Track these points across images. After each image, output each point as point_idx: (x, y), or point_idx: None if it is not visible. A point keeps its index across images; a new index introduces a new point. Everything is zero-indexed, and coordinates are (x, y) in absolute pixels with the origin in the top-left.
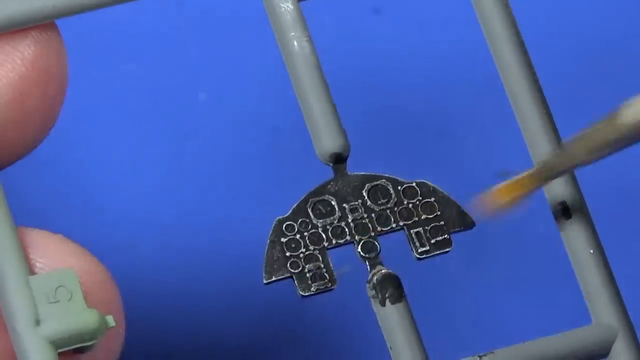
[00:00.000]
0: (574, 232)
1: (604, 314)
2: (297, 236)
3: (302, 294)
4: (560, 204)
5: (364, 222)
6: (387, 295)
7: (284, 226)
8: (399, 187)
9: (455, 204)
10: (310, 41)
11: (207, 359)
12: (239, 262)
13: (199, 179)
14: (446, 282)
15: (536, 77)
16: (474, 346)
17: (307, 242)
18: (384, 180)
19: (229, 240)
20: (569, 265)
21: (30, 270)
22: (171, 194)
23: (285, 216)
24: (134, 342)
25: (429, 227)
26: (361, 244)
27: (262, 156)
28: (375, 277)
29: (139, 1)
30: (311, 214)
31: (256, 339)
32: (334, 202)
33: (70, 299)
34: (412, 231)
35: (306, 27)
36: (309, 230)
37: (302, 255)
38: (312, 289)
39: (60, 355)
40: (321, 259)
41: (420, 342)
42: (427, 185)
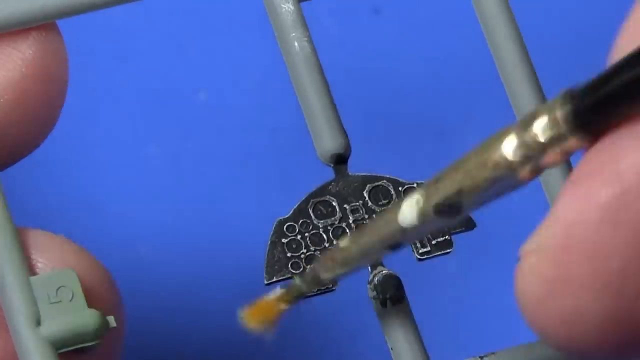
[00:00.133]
0: None
1: None
2: (298, 237)
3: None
4: None
5: (364, 222)
6: (388, 296)
7: (285, 227)
8: (400, 188)
9: None
10: (310, 41)
11: (208, 359)
12: (240, 263)
13: (199, 179)
14: (447, 283)
15: (536, 77)
16: (475, 347)
17: (308, 242)
18: (384, 180)
19: (230, 240)
20: None
21: (31, 270)
22: (171, 194)
23: (286, 217)
24: (134, 342)
25: None
26: None
27: (262, 156)
28: (376, 278)
29: (139, 1)
30: (312, 215)
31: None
32: (335, 203)
33: (71, 300)
34: None
35: (307, 27)
36: (310, 231)
37: (303, 256)
38: (313, 290)
39: (61, 355)
40: None
41: (421, 343)
42: None
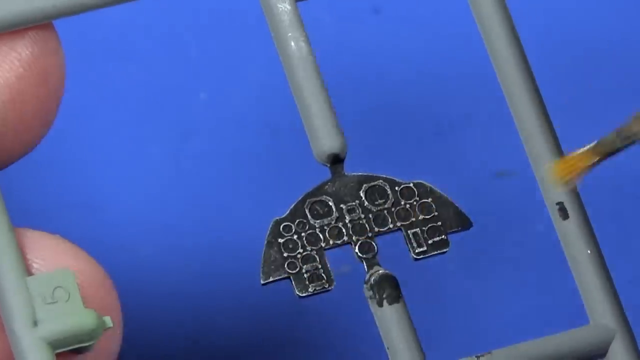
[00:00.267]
0: (571, 233)
1: (602, 315)
2: (295, 237)
3: (300, 295)
4: (557, 204)
5: (361, 222)
6: (384, 295)
7: (282, 227)
8: (397, 188)
9: (452, 205)
10: (307, 42)
11: (206, 359)
12: (237, 263)
13: (198, 179)
14: (443, 283)
15: (533, 77)
16: (471, 346)
17: (305, 242)
18: (381, 180)
19: (227, 240)
20: (567, 265)
21: (27, 271)
22: (170, 194)
23: (282, 217)
24: (132, 342)
25: (426, 227)
26: (358, 244)
27: (259, 157)
28: (372, 278)
29: (139, 1)
30: (308, 215)
31: (254, 339)
32: (331, 203)
33: (67, 300)
34: (409, 232)
35: (303, 27)
36: (307, 230)
37: (299, 255)
38: (309, 290)
39: (57, 356)
40: (318, 259)
41: (417, 343)
42: (425, 185)
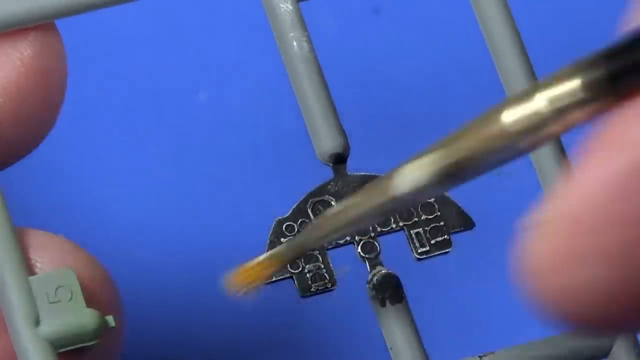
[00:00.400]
0: None
1: None
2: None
3: (302, 294)
4: None
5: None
6: (387, 295)
7: (284, 226)
8: None
9: (454, 205)
10: (309, 41)
11: (207, 359)
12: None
13: (199, 179)
14: (446, 283)
15: (536, 77)
16: (474, 346)
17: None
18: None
19: (229, 240)
20: None
21: (30, 270)
22: (171, 194)
23: (285, 216)
24: (134, 342)
25: (429, 227)
26: (361, 244)
27: (262, 156)
28: (375, 278)
29: (139, 1)
30: (311, 215)
31: (256, 339)
32: (333, 203)
33: (70, 299)
34: (411, 232)
35: (305, 27)
36: None
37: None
38: (312, 289)
39: (60, 355)
40: (321, 259)
41: (420, 343)
42: None
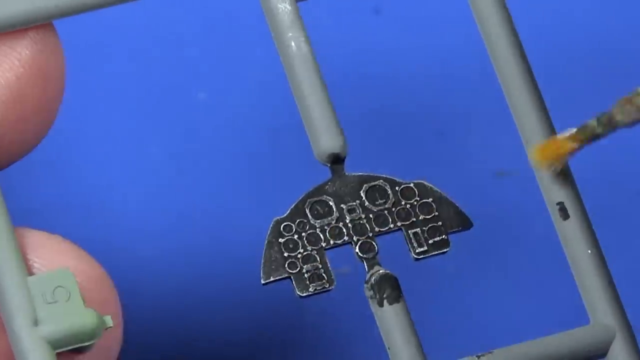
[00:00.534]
0: (571, 233)
1: (602, 315)
2: (295, 236)
3: (300, 294)
4: (558, 204)
5: (361, 222)
6: (385, 295)
7: (282, 227)
8: (397, 188)
9: (452, 205)
10: (307, 41)
11: (206, 359)
12: (237, 262)
13: (198, 179)
14: (444, 282)
15: (533, 77)
16: (472, 346)
17: (305, 242)
18: (381, 180)
19: (228, 240)
20: (567, 265)
21: (28, 270)
22: (170, 194)
23: (283, 217)
24: (132, 342)
25: (427, 227)
26: (359, 244)
27: (260, 156)
28: (373, 278)
29: (139, 1)
30: (309, 215)
31: (254, 339)
32: (331, 203)
33: (68, 300)
34: (409, 232)
35: (304, 27)
36: (307, 230)
37: (300, 255)
38: (310, 290)
39: (58, 355)
40: (319, 259)
41: (418, 342)
42: (425, 185)
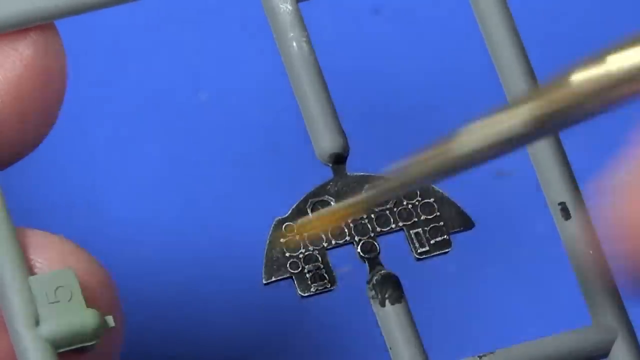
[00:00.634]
0: (573, 233)
1: (604, 315)
2: (297, 236)
3: (302, 295)
4: (559, 204)
5: (363, 222)
6: (386, 295)
7: (284, 226)
8: None
9: (454, 205)
10: (309, 42)
11: (207, 359)
12: (239, 262)
13: (199, 179)
14: (446, 283)
15: (535, 76)
16: (473, 346)
17: (307, 242)
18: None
19: (229, 240)
20: (568, 265)
21: (30, 270)
22: (170, 194)
23: (284, 216)
24: (134, 342)
25: (428, 227)
26: (361, 244)
27: (261, 156)
28: (374, 278)
29: (139, 1)
30: (310, 215)
31: (256, 338)
32: (333, 203)
33: (70, 299)
34: (411, 232)
35: (305, 27)
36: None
37: (301, 255)
38: (311, 290)
39: (60, 355)
40: (320, 259)
41: (419, 343)
42: (427, 185)
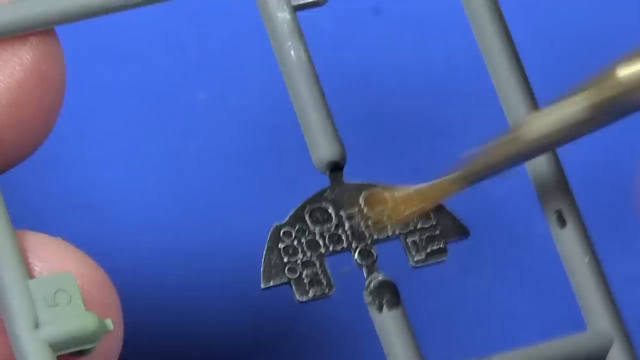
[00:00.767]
0: (568, 241)
1: (599, 321)
2: (295, 242)
3: (300, 300)
4: (555, 212)
5: (360, 229)
6: (383, 301)
7: (282, 232)
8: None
9: (450, 214)
10: (306, 51)
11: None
12: (237, 266)
13: (198, 181)
14: (443, 288)
15: (526, 77)
16: (470, 352)
17: (305, 248)
18: (379, 188)
19: (228, 243)
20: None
21: (29, 273)
22: (170, 195)
23: (282, 223)
24: (132, 344)
25: (425, 236)
26: (358, 250)
27: (260, 163)
28: (372, 284)
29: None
30: (308, 221)
31: (254, 343)
32: (331, 210)
33: (69, 303)
34: (407, 240)
35: (302, 36)
36: (307, 236)
37: (299, 261)
38: (309, 295)
39: (59, 358)
40: (318, 265)
41: (417, 348)
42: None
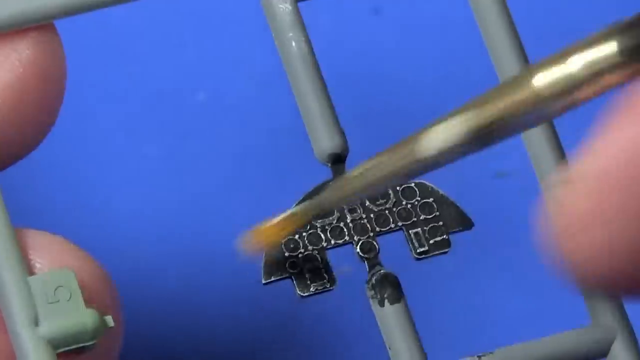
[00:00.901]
0: None
1: (603, 315)
2: (296, 236)
3: (301, 294)
4: None
5: (362, 222)
6: (385, 295)
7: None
8: (398, 188)
9: (453, 204)
10: (308, 42)
11: (206, 358)
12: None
13: (198, 179)
14: (445, 282)
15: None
16: (472, 346)
17: (306, 242)
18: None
19: (228, 240)
20: None
21: (29, 270)
22: (170, 194)
23: None
24: (132, 342)
25: (428, 227)
26: (360, 244)
27: (260, 156)
28: (374, 277)
29: (139, 1)
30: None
31: (255, 338)
32: None
33: (69, 299)
34: (410, 231)
35: (304, 27)
36: (308, 230)
37: (300, 255)
38: (311, 289)
39: (59, 355)
40: (320, 259)
41: (418, 342)
42: (426, 185)
